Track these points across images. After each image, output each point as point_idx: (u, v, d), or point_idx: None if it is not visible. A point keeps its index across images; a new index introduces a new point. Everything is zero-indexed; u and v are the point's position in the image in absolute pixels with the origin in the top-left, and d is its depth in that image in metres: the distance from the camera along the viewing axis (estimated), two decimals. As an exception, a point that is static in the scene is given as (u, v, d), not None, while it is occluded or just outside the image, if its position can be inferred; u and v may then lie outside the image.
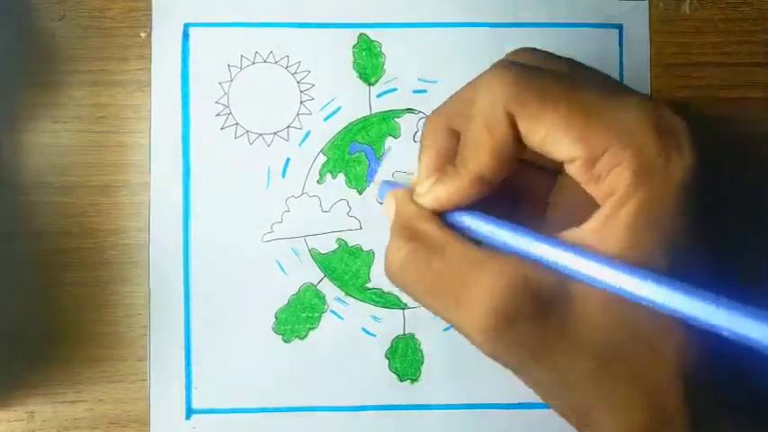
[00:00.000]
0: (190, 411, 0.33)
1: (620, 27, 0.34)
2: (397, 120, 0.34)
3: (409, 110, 0.34)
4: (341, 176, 0.34)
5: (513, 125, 0.22)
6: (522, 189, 0.26)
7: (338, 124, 0.34)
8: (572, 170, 0.22)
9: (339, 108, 0.34)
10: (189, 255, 0.33)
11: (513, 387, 0.33)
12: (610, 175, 0.21)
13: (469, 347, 0.34)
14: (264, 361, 0.33)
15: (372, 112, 0.34)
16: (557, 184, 0.25)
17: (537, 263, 0.22)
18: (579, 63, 0.24)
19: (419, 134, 0.34)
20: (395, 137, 0.34)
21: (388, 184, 0.29)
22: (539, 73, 0.22)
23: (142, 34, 0.34)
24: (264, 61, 0.34)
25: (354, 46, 0.34)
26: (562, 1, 0.34)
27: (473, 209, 0.24)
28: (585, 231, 0.22)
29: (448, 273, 0.22)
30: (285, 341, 0.33)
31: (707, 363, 0.21)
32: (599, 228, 0.21)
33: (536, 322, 0.21)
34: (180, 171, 0.33)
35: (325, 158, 0.34)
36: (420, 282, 0.23)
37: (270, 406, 0.33)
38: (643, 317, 0.21)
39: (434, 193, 0.24)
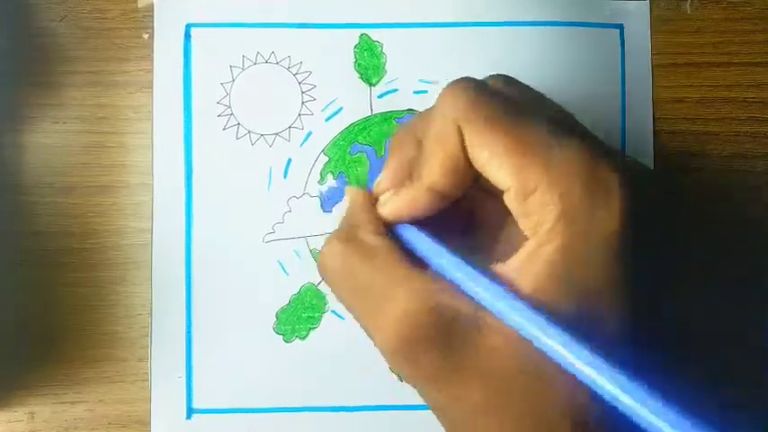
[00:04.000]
0: (190, 411, 0.32)
1: (621, 27, 0.34)
2: (398, 120, 0.34)
3: (410, 110, 0.34)
4: (342, 177, 0.34)
5: (463, 141, 0.22)
6: (482, 218, 0.27)
7: (339, 125, 0.34)
8: (507, 199, 0.22)
9: (340, 108, 0.34)
10: (191, 255, 0.33)
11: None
12: (538, 214, 0.21)
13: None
14: (265, 361, 0.33)
15: (373, 113, 0.34)
16: (510, 218, 0.26)
17: (456, 289, 0.22)
18: (544, 97, 0.25)
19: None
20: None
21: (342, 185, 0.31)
22: (493, 97, 0.23)
23: (144, 35, 0.34)
24: (266, 62, 0.34)
25: (356, 46, 0.34)
26: (563, 1, 0.34)
27: (429, 225, 0.24)
28: (509, 265, 0.22)
29: (373, 282, 0.23)
30: (286, 341, 0.33)
31: (602, 411, 0.21)
32: (519, 264, 0.22)
33: (440, 348, 0.21)
34: (182, 172, 0.33)
35: (326, 159, 0.34)
36: (346, 284, 0.24)
37: (270, 406, 0.32)
38: (546, 364, 0.21)
39: (391, 204, 0.24)
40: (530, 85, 0.25)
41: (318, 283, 0.33)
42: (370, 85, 0.34)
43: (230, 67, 0.34)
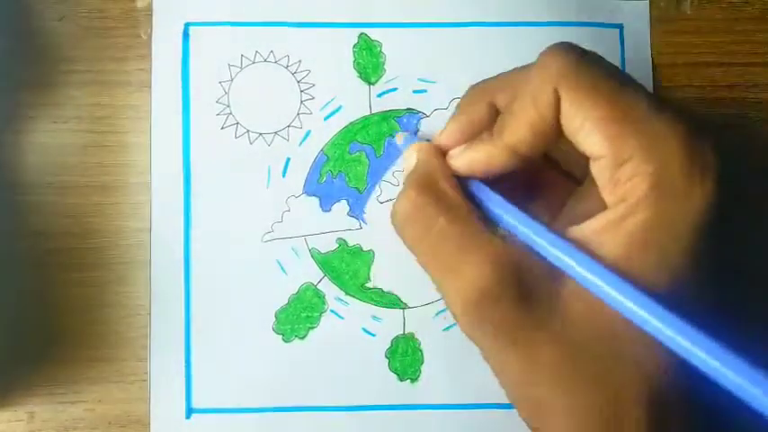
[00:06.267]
0: (190, 411, 0.33)
1: (620, 26, 0.34)
2: (397, 119, 0.34)
3: (409, 110, 0.34)
4: (341, 176, 0.34)
5: (558, 105, 0.22)
6: (543, 189, 0.26)
7: (338, 124, 0.34)
8: (595, 168, 0.22)
9: (339, 107, 0.34)
10: (189, 254, 0.33)
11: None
12: (628, 184, 0.21)
13: (470, 347, 0.33)
14: (264, 361, 0.33)
15: (372, 112, 0.34)
16: (576, 192, 0.25)
17: (533, 250, 0.22)
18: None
19: (420, 133, 0.34)
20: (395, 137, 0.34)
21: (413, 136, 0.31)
22: (595, 63, 0.22)
23: (143, 35, 0.34)
24: (265, 61, 0.34)
25: (355, 45, 0.34)
26: (563, 0, 0.34)
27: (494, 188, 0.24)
28: (586, 230, 0.22)
29: (448, 236, 0.22)
30: (285, 341, 0.33)
31: (682, 393, 0.21)
32: (601, 230, 0.21)
33: (517, 307, 0.21)
34: (181, 171, 0.33)
35: (325, 158, 0.34)
36: (420, 237, 0.23)
37: (270, 406, 0.33)
38: (626, 333, 0.21)
39: (466, 157, 0.24)
40: None
41: (317, 283, 0.33)
42: (370, 84, 0.34)
43: (229, 65, 0.34)
